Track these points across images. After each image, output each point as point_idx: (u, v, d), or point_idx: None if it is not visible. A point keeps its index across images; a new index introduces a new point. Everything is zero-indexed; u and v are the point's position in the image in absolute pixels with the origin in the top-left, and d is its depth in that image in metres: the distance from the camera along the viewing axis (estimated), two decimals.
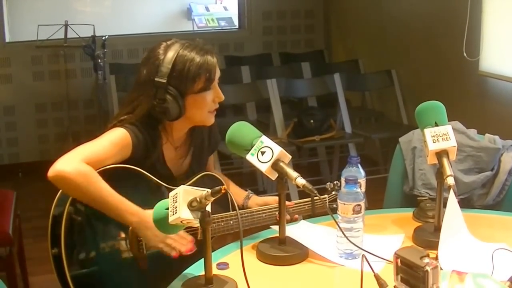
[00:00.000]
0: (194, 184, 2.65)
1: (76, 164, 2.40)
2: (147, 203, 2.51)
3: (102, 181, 2.43)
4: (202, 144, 2.89)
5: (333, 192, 2.87)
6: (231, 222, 2.63)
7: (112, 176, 2.49)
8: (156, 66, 2.57)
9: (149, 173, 2.58)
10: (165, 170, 2.69)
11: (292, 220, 2.77)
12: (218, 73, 2.66)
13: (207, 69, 2.58)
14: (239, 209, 2.71)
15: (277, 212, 2.68)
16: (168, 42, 2.63)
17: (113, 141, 2.53)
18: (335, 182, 2.87)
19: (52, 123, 7.54)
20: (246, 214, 2.70)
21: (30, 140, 7.51)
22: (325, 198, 2.87)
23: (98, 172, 2.44)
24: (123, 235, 2.49)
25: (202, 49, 2.61)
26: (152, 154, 2.63)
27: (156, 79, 2.56)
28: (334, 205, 2.82)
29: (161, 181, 2.61)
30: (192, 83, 2.57)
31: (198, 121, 2.70)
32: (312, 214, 2.82)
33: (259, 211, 2.73)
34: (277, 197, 2.58)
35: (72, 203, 2.40)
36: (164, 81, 2.55)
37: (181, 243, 2.48)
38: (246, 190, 2.93)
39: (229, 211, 2.64)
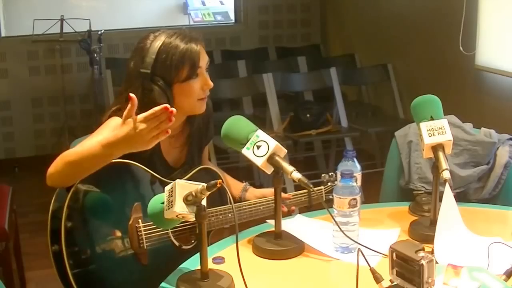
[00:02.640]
0: (191, 178, 2.66)
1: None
2: (145, 198, 2.51)
3: (73, 151, 2.38)
4: (200, 135, 2.89)
5: (329, 184, 2.89)
6: (230, 215, 2.63)
7: (109, 171, 2.49)
8: (141, 57, 2.58)
9: (147, 165, 2.57)
10: (162, 160, 2.69)
11: (290, 212, 2.77)
12: (205, 60, 2.65)
13: (190, 57, 2.58)
14: (236, 202, 2.72)
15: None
16: (156, 33, 2.63)
17: (105, 128, 2.52)
18: (330, 174, 2.89)
19: (48, 117, 7.54)
20: (244, 207, 2.70)
21: (26, 135, 7.51)
22: (321, 189, 2.88)
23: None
24: (123, 230, 2.48)
25: (186, 37, 2.61)
26: None
27: (141, 70, 2.56)
28: (330, 196, 2.83)
29: (159, 172, 2.61)
30: (176, 72, 2.57)
31: (188, 110, 2.68)
32: (308, 205, 2.82)
33: (256, 203, 2.73)
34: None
35: (71, 199, 2.38)
36: (148, 71, 2.55)
37: (159, 124, 2.25)
38: (243, 182, 2.93)
39: (227, 204, 2.64)
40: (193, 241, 2.64)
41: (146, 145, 2.28)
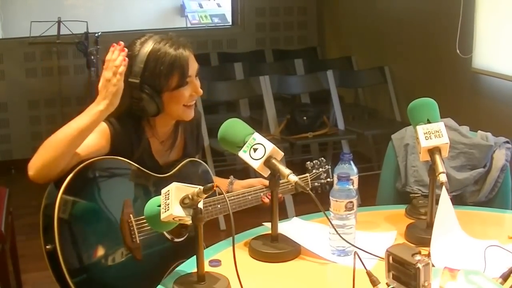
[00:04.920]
0: (179, 171, 2.71)
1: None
2: (135, 193, 2.57)
3: (58, 132, 2.42)
4: (191, 140, 2.90)
5: (314, 171, 2.94)
6: (219, 206, 2.64)
7: (99, 168, 2.51)
8: (129, 65, 2.55)
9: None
10: (153, 161, 2.70)
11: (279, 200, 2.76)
12: (194, 68, 2.64)
13: (179, 65, 2.57)
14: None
15: (262, 194, 2.75)
16: (142, 39, 2.62)
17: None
18: (314, 161, 2.91)
19: (45, 120, 7.53)
20: (232, 197, 2.71)
21: (23, 137, 7.49)
22: (306, 177, 2.90)
23: (85, 165, 2.45)
24: (115, 226, 2.49)
25: (174, 43, 2.60)
26: (138, 147, 2.64)
27: (130, 79, 2.55)
28: (316, 183, 2.86)
29: (149, 170, 2.63)
30: (166, 81, 2.57)
31: (176, 116, 2.69)
32: (295, 192, 2.82)
33: (244, 193, 2.75)
34: (260, 178, 2.66)
35: (62, 197, 2.38)
36: (137, 81, 2.55)
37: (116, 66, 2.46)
38: (228, 178, 2.94)
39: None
40: (185, 233, 2.66)
41: (117, 86, 2.43)
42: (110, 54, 2.46)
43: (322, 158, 2.97)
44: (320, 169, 2.95)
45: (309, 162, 2.94)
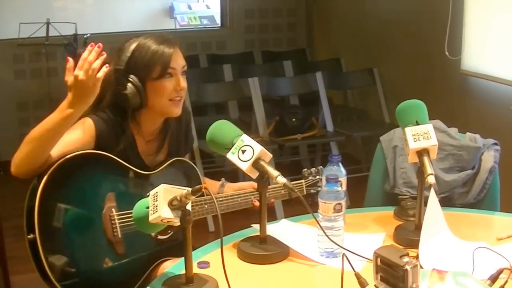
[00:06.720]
0: (166, 170, 2.73)
1: None
2: (119, 188, 2.59)
3: (33, 130, 2.53)
4: (178, 143, 2.90)
5: (310, 178, 2.94)
6: (206, 206, 2.64)
7: (82, 162, 2.53)
8: (118, 56, 2.66)
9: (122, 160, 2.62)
10: (138, 160, 2.72)
11: (269, 205, 2.76)
12: (178, 63, 2.67)
13: (160, 56, 2.62)
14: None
15: (252, 197, 2.75)
16: (133, 38, 2.71)
17: (74, 127, 2.56)
18: (312, 169, 2.91)
19: (33, 121, 7.40)
20: (221, 199, 2.71)
21: (12, 139, 7.37)
22: (301, 183, 2.92)
23: (68, 158, 2.47)
24: (97, 219, 2.50)
25: (160, 38, 2.67)
26: (123, 141, 2.65)
27: (116, 66, 2.62)
28: (312, 190, 2.86)
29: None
30: (148, 70, 2.62)
31: (160, 110, 2.71)
32: (289, 197, 2.85)
33: (234, 195, 2.75)
34: (252, 182, 2.66)
35: (43, 188, 2.40)
36: (122, 67, 2.62)
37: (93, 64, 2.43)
38: (220, 180, 2.94)
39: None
40: (169, 231, 2.67)
41: (92, 89, 2.41)
42: (87, 53, 2.43)
43: (321, 167, 2.97)
44: (317, 177, 2.96)
45: (306, 169, 2.95)
